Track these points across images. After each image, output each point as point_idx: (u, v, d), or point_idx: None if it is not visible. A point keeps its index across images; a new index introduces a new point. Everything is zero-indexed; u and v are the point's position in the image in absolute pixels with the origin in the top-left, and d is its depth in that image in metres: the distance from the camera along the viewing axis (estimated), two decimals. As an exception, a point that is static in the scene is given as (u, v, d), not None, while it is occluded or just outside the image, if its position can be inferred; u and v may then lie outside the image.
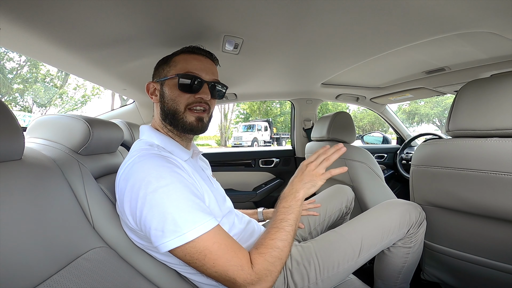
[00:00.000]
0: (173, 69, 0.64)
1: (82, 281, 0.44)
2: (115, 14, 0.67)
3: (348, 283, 0.74)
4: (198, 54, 0.67)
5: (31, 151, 0.56)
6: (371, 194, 1.29)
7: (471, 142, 0.67)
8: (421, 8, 0.70)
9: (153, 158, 0.53)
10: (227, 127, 17.33)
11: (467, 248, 0.79)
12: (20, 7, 0.59)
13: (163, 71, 0.66)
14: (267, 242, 0.52)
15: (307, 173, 0.62)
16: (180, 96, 0.62)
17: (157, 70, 0.69)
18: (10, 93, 10.33)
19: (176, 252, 0.48)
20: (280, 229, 0.54)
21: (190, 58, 0.65)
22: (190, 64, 0.64)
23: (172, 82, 0.63)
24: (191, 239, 0.46)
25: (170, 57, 0.67)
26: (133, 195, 0.49)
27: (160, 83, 0.66)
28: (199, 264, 0.47)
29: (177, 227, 0.46)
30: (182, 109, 0.62)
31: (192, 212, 0.48)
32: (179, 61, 0.65)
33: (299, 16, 0.75)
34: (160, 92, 0.65)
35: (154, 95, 0.67)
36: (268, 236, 0.53)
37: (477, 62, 1.15)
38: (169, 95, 0.63)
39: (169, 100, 0.63)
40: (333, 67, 1.26)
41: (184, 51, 0.66)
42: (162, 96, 0.65)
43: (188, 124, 0.63)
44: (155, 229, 0.47)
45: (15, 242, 0.40)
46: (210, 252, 0.47)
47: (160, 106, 0.65)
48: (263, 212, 0.96)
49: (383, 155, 2.17)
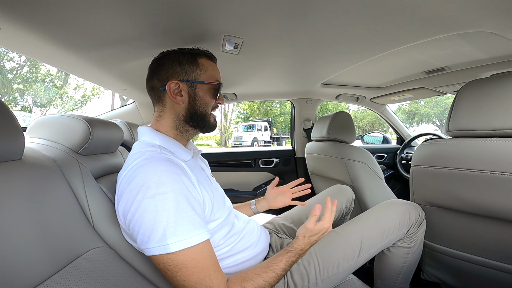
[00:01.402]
0: (204, 74, 0.65)
1: (82, 281, 0.44)
2: (115, 14, 0.67)
3: (348, 283, 0.74)
4: (214, 61, 0.71)
5: (31, 151, 0.56)
6: (371, 194, 1.29)
7: (471, 142, 0.67)
8: (421, 8, 0.70)
9: (159, 162, 0.52)
10: (227, 127, 17.33)
11: (467, 248, 0.79)
12: (20, 7, 0.59)
13: (192, 73, 0.63)
14: (259, 281, 0.53)
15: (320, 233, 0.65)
16: (211, 102, 0.67)
17: (179, 67, 0.63)
18: (10, 93, 10.33)
19: (152, 258, 0.49)
20: (274, 275, 0.56)
21: (214, 66, 0.69)
22: (217, 73, 0.69)
23: (206, 87, 0.65)
24: (172, 251, 0.46)
25: (194, 57, 0.65)
26: (130, 197, 0.49)
27: (188, 85, 0.63)
28: (170, 275, 0.48)
29: (163, 236, 0.46)
30: (210, 112, 0.67)
31: (182, 225, 0.47)
32: (207, 66, 0.66)
33: (299, 16, 0.75)
34: (190, 94, 0.63)
35: (179, 95, 0.62)
36: (262, 276, 0.55)
37: (477, 62, 1.15)
38: (203, 99, 0.64)
39: (202, 103, 0.64)
40: (333, 67, 1.26)
41: (205, 55, 0.67)
42: (194, 99, 0.63)
43: (211, 124, 0.68)
44: (142, 234, 0.48)
45: (15, 242, 0.40)
46: (186, 267, 0.47)
47: (189, 107, 0.63)
48: (256, 203, 0.95)
49: (383, 155, 2.17)
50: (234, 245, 0.65)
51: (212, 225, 0.60)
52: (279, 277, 0.57)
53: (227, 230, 0.64)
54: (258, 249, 0.71)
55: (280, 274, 0.57)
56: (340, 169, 1.35)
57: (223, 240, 0.62)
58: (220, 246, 0.62)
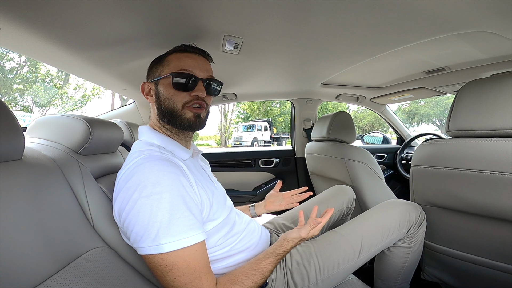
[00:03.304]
0: (166, 68, 0.64)
1: (82, 281, 0.44)
2: (115, 14, 0.67)
3: (348, 283, 0.74)
4: (191, 52, 0.66)
5: (31, 151, 0.56)
6: (371, 194, 1.29)
7: (471, 142, 0.67)
8: (421, 8, 0.70)
9: (156, 161, 0.52)
10: (227, 127, 17.33)
11: (467, 248, 0.79)
12: (20, 7, 0.59)
13: (157, 70, 0.65)
14: (248, 283, 0.53)
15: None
16: (176, 95, 0.62)
17: (150, 71, 0.68)
18: (10, 93, 10.32)
19: (144, 257, 0.49)
20: (262, 277, 0.56)
21: (183, 56, 0.64)
22: (183, 62, 0.63)
23: (166, 81, 0.63)
24: (165, 251, 0.46)
25: (163, 57, 0.66)
26: (126, 195, 0.49)
27: (154, 83, 0.65)
28: (160, 275, 0.48)
29: (156, 236, 0.46)
30: (180, 107, 0.62)
31: (176, 225, 0.47)
32: (172, 60, 0.64)
33: (299, 16, 0.75)
34: (155, 91, 0.65)
35: (150, 95, 0.67)
36: (251, 278, 0.55)
37: (477, 62, 1.15)
38: (164, 94, 0.63)
39: (165, 99, 0.63)
40: (333, 67, 1.26)
41: (176, 50, 0.66)
42: (158, 96, 0.64)
43: (186, 120, 0.62)
44: (136, 233, 0.48)
45: (15, 242, 0.40)
46: (177, 268, 0.47)
47: (157, 105, 0.65)
48: (255, 207, 0.95)
49: (383, 155, 2.17)
50: (234, 246, 0.65)
51: (211, 225, 0.60)
52: (266, 277, 0.58)
53: (227, 230, 0.64)
54: (258, 249, 0.71)
55: (267, 275, 0.58)
56: (340, 169, 1.35)
57: (222, 240, 0.62)
58: (219, 246, 0.62)
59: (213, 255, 0.61)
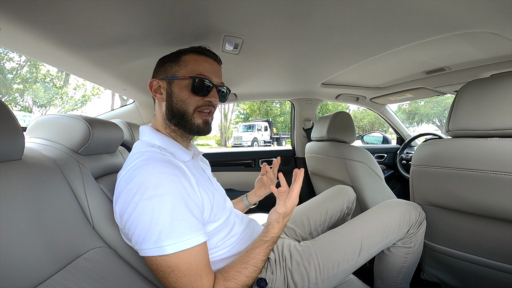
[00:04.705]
0: (183, 69, 0.62)
1: (82, 281, 0.44)
2: (115, 14, 0.67)
3: (348, 283, 0.74)
4: (208, 56, 0.66)
5: (31, 151, 0.56)
6: (371, 194, 1.29)
7: (471, 142, 0.67)
8: (421, 8, 0.70)
9: (158, 163, 0.52)
10: (227, 127, 17.32)
11: (467, 248, 0.79)
12: (20, 7, 0.59)
13: (171, 69, 0.63)
14: (241, 278, 0.53)
15: (291, 211, 0.63)
16: (191, 98, 0.62)
17: (162, 67, 0.65)
18: (10, 93, 10.33)
19: (146, 259, 0.49)
20: (255, 268, 0.56)
21: (200, 60, 0.64)
22: (202, 67, 0.63)
23: (183, 83, 0.62)
24: (167, 253, 0.46)
25: (178, 55, 0.64)
26: (127, 197, 0.49)
27: (167, 82, 0.63)
28: (162, 276, 0.48)
29: (158, 239, 0.46)
30: (192, 111, 0.62)
31: (178, 227, 0.47)
32: (190, 61, 0.63)
33: (299, 16, 0.75)
34: (168, 91, 0.63)
35: (159, 93, 0.64)
36: (243, 272, 0.54)
37: (477, 62, 1.15)
38: (178, 95, 0.62)
39: (179, 100, 0.62)
40: (333, 67, 1.26)
41: (193, 51, 0.65)
42: (170, 96, 0.63)
43: (196, 126, 0.63)
44: (138, 235, 0.48)
45: (15, 242, 0.40)
46: (178, 270, 0.47)
47: (167, 105, 0.63)
48: (247, 196, 0.96)
49: (383, 155, 2.17)
50: (233, 246, 0.65)
51: (212, 226, 0.60)
52: (260, 268, 0.58)
53: (227, 232, 0.64)
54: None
55: (260, 266, 0.57)
56: (340, 169, 1.35)
57: (221, 241, 0.62)
58: (218, 248, 0.62)
59: (213, 256, 0.61)
